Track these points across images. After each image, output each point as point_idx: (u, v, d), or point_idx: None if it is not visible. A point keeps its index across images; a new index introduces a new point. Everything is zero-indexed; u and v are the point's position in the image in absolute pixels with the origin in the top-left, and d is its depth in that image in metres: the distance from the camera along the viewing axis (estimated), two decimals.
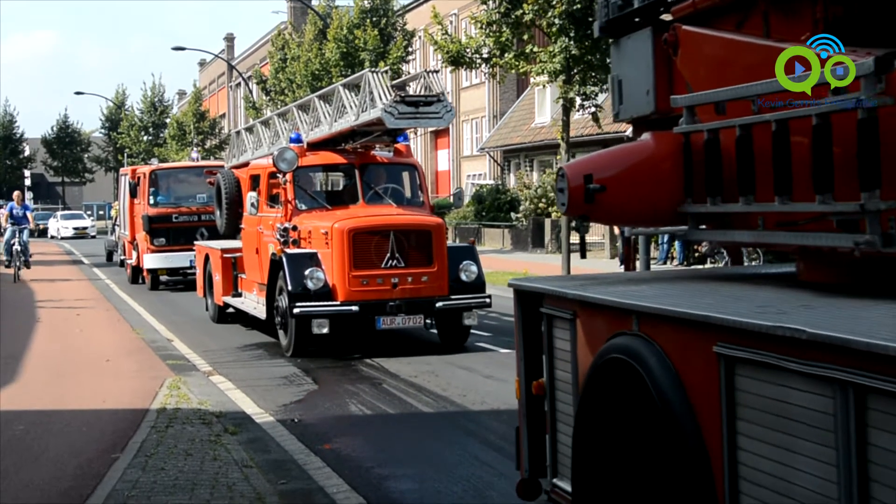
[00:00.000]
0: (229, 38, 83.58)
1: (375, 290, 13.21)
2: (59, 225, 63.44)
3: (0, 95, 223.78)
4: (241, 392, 11.25)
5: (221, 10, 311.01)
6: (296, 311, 13.11)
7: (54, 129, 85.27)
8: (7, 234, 26.27)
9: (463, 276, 13.74)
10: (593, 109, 23.40)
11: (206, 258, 18.03)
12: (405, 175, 15.26)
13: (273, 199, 15.03)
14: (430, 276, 13.40)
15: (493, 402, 10.55)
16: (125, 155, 69.75)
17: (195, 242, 20.21)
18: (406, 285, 13.26)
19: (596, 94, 22.96)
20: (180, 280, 24.54)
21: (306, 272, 13.21)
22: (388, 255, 13.23)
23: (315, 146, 15.22)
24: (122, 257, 28.88)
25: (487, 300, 13.98)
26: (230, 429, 9.04)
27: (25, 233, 26.20)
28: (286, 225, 14.12)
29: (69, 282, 27.01)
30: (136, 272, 25.71)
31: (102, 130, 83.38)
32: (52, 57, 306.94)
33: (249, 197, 15.39)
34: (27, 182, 69.70)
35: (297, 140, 14.99)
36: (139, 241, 24.76)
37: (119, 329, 16.73)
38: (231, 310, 16.98)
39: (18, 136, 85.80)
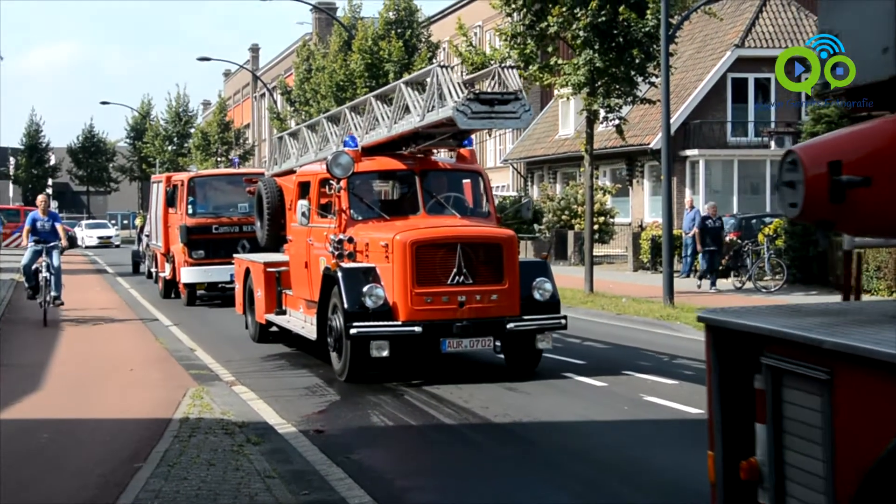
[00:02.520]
0: (254, 49, 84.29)
1: (440, 310, 12.05)
2: (84, 234, 63.63)
3: (27, 105, 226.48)
4: (264, 402, 11.26)
5: (247, 21, 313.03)
6: (352, 331, 11.93)
7: (80, 138, 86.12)
8: (27, 257, 18.44)
9: (536, 295, 12.61)
10: (617, 122, 23.37)
11: (247, 272, 16.86)
12: (469, 183, 14.06)
13: (324, 209, 13.77)
14: (500, 294, 12.24)
15: (516, 414, 10.54)
16: (156, 164, 70.08)
17: (235, 255, 18.88)
18: (474, 304, 12.10)
19: (620, 107, 22.92)
20: (218, 295, 23.24)
21: (364, 289, 12.06)
22: (455, 270, 12.06)
23: (370, 151, 14.00)
24: (154, 269, 27.40)
25: (563, 321, 12.77)
26: (253, 439, 9.06)
27: (55, 254, 18.29)
28: (341, 236, 12.90)
29: (96, 293, 26.68)
30: (169, 286, 24.33)
31: (127, 140, 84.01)
32: (77, 67, 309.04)
33: (300, 206, 13.75)
34: (49, 191, 69.68)
35: (352, 143, 14.01)
36: (175, 254, 23.32)
37: (142, 339, 16.77)
38: (274, 328, 15.91)
39: (44, 145, 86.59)
